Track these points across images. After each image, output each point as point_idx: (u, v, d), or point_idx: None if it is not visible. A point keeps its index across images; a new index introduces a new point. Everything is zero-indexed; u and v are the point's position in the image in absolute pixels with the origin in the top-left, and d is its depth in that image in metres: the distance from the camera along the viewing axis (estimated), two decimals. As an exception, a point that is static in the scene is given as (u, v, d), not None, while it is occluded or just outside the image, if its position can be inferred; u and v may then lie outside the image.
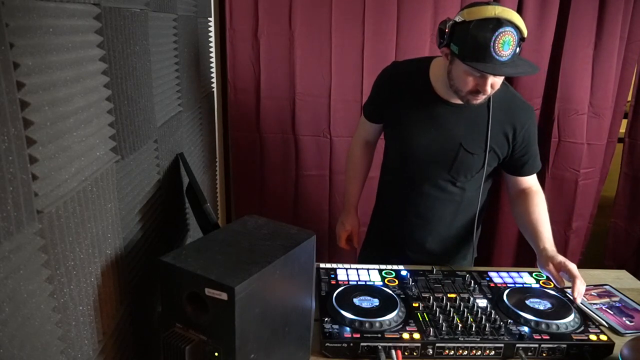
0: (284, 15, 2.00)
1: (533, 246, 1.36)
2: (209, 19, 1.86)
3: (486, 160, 1.35)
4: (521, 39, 1.16)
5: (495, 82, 1.22)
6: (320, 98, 2.11)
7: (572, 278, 1.20)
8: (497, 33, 1.11)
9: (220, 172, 2.20)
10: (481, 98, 1.26)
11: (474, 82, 1.22)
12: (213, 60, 1.87)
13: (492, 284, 1.30)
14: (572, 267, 1.21)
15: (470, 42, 1.14)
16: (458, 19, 1.17)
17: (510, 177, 1.46)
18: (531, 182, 1.45)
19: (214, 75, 1.90)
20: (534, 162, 1.42)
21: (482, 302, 1.20)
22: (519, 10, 2.04)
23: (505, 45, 1.12)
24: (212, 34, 1.88)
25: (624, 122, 2.31)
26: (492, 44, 1.12)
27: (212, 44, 1.86)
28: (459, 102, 1.32)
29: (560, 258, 1.25)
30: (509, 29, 1.11)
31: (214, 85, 1.94)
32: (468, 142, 1.35)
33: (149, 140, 1.04)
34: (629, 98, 2.27)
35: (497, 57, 1.13)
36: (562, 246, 2.37)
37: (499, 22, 1.11)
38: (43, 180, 0.59)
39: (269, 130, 2.16)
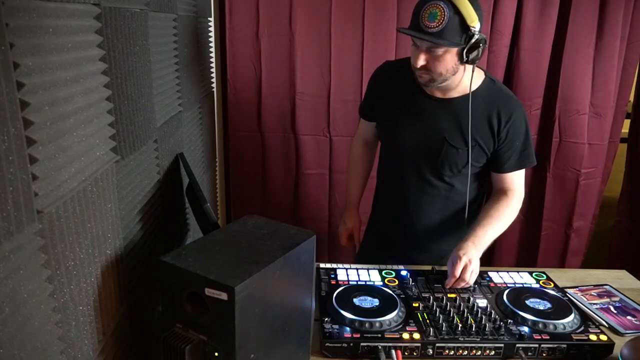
0: (284, 16, 2.00)
1: None
2: (209, 19, 1.86)
3: (469, 154, 1.34)
4: (460, 19, 1.17)
5: (430, 59, 1.24)
6: (320, 98, 2.11)
7: (455, 260, 1.24)
8: (426, 5, 1.18)
9: (220, 172, 2.21)
10: (423, 76, 1.28)
11: (415, 57, 1.26)
12: (213, 60, 1.87)
13: (492, 284, 1.30)
14: (457, 262, 1.23)
15: (412, 13, 1.23)
16: None
17: (492, 173, 1.43)
18: (513, 184, 1.40)
19: (214, 75, 1.90)
20: (517, 160, 1.37)
21: (482, 302, 1.20)
22: (519, 10, 2.04)
23: (431, 17, 1.17)
24: (212, 34, 1.88)
25: (627, 121, 2.32)
26: (420, 13, 1.19)
27: (212, 44, 1.86)
28: (444, 96, 1.34)
29: (459, 252, 1.25)
30: (439, 2, 1.16)
31: (214, 85, 1.94)
32: (452, 136, 1.35)
33: (149, 140, 1.04)
34: (630, 98, 2.27)
35: (424, 28, 1.19)
36: (564, 246, 2.37)
37: None
38: (43, 180, 0.59)
39: (269, 129, 2.16)
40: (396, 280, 1.29)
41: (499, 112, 1.33)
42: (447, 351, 1.05)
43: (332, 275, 1.30)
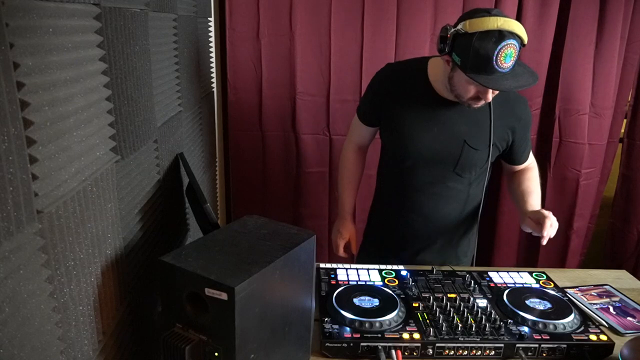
0: (284, 16, 2.00)
1: (520, 213, 1.41)
2: (209, 19, 1.86)
3: (490, 154, 1.37)
4: (522, 43, 1.17)
5: None
6: (320, 97, 2.12)
7: (542, 219, 1.25)
8: (499, 47, 1.11)
9: (220, 172, 2.21)
10: (482, 103, 1.29)
11: (475, 90, 1.24)
12: (213, 60, 1.87)
13: (492, 284, 1.30)
14: (545, 212, 1.26)
15: (472, 54, 1.14)
16: (460, 29, 1.16)
17: (506, 165, 1.52)
18: (529, 162, 1.52)
19: (214, 75, 1.90)
20: (528, 148, 1.49)
21: (482, 302, 1.20)
22: (519, 10, 2.04)
23: (507, 57, 1.13)
24: (212, 34, 1.88)
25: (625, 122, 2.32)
26: (494, 57, 1.12)
27: (212, 44, 1.86)
28: None
29: (541, 210, 1.29)
30: (511, 41, 1.11)
31: (214, 85, 1.94)
32: (472, 138, 1.35)
33: (149, 140, 1.04)
34: (629, 98, 2.27)
35: (499, 70, 1.14)
36: (563, 246, 2.37)
37: (501, 35, 1.11)
38: (43, 180, 0.59)
39: (270, 128, 2.16)
40: (396, 280, 1.29)
41: (515, 112, 1.38)
42: (447, 351, 1.05)
43: (332, 275, 1.30)
